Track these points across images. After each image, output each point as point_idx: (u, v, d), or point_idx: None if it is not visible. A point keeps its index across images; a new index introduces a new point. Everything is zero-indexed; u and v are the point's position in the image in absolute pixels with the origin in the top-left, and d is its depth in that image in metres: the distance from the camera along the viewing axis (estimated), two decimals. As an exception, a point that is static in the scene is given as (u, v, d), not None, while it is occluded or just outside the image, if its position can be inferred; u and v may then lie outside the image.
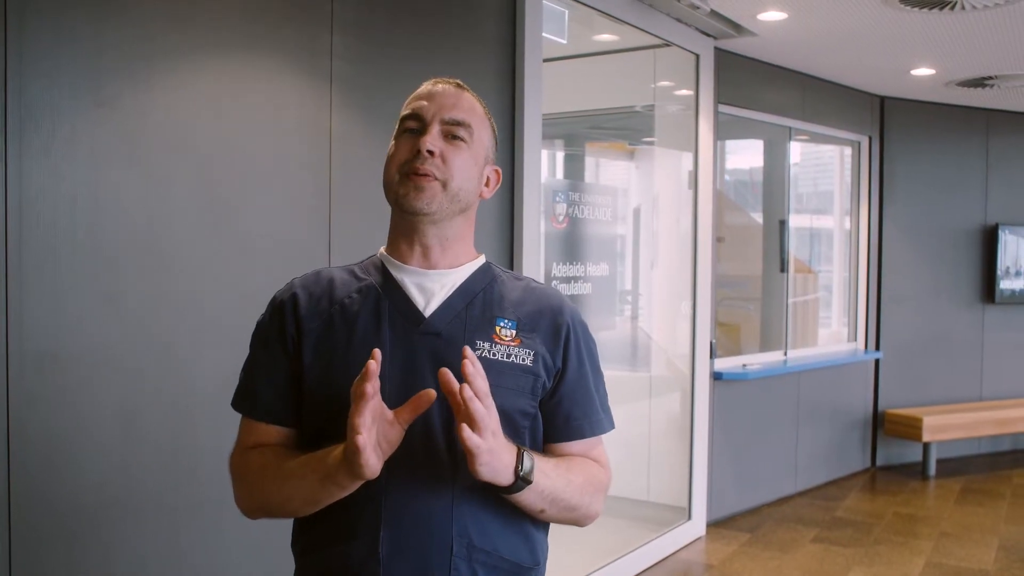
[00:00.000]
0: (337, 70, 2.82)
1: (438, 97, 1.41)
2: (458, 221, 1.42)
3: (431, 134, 1.37)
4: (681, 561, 4.74)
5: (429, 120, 1.38)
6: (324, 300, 1.41)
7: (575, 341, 1.43)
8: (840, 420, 6.45)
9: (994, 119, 6.97)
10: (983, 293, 7.04)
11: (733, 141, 6.24)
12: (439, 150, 1.37)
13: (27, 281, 2.09)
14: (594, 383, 1.46)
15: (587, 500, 1.41)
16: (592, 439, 1.45)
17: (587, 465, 1.42)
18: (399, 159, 1.39)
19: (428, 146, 1.36)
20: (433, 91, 1.42)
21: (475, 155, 1.42)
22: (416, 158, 1.36)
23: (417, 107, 1.41)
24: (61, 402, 2.17)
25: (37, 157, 2.10)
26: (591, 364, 1.46)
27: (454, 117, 1.39)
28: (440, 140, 1.38)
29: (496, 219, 3.51)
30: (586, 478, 1.40)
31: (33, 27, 2.08)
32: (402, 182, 1.37)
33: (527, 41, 3.58)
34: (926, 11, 4.36)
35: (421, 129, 1.39)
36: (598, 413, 1.46)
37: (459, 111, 1.40)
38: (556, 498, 1.35)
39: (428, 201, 1.36)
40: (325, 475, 1.26)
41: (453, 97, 1.41)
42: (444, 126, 1.39)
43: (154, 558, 2.38)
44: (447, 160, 1.37)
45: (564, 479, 1.36)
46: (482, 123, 1.44)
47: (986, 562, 4.65)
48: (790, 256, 6.25)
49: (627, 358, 5.40)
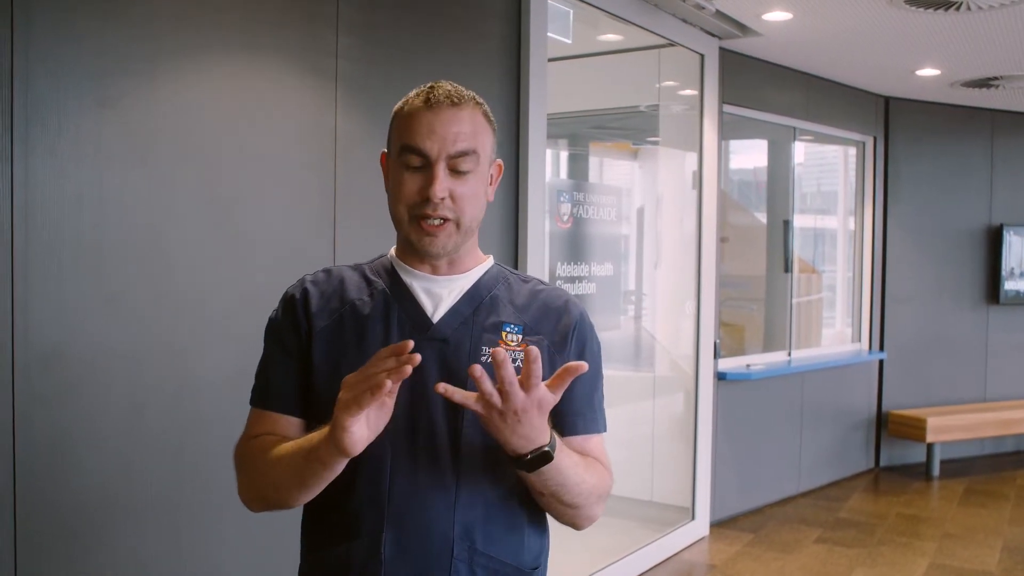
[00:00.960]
0: (342, 70, 2.82)
1: (439, 127, 1.32)
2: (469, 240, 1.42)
3: (439, 179, 1.31)
4: (684, 561, 4.74)
5: (435, 159, 1.32)
6: (335, 299, 1.41)
7: (579, 340, 1.43)
8: (844, 421, 6.44)
9: (999, 120, 6.95)
10: (987, 294, 7.02)
11: (737, 141, 6.23)
12: (448, 192, 1.33)
13: (32, 280, 2.10)
14: (593, 383, 1.46)
15: (591, 502, 1.40)
16: (585, 436, 1.44)
17: (598, 467, 1.42)
18: (407, 200, 1.34)
19: (440, 193, 1.31)
20: (432, 120, 1.33)
21: (482, 176, 1.38)
22: (426, 203, 1.32)
23: (419, 144, 1.32)
24: (66, 401, 2.18)
25: (42, 157, 2.10)
26: (593, 363, 1.45)
27: (459, 150, 1.33)
28: (448, 179, 1.33)
29: (501, 219, 3.51)
30: (595, 483, 1.39)
31: (39, 27, 2.09)
32: (413, 225, 1.35)
33: (532, 41, 3.58)
34: (931, 11, 4.35)
35: (425, 166, 1.33)
36: (594, 412, 1.46)
37: (463, 140, 1.33)
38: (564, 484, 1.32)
39: (443, 245, 1.35)
40: (310, 450, 1.25)
41: (454, 123, 1.33)
42: (451, 160, 1.33)
43: (157, 557, 2.38)
44: (456, 199, 1.34)
45: (579, 470, 1.34)
46: (485, 135, 1.38)
47: (990, 563, 4.65)
48: (794, 256, 6.24)
49: (631, 358, 5.39)
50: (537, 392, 1.19)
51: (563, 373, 1.21)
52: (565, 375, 1.21)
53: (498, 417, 1.20)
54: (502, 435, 1.23)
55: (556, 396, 1.22)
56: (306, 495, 1.32)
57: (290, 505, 1.36)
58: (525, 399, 1.19)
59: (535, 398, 1.19)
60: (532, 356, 1.17)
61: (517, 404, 1.19)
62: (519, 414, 1.20)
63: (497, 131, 1.45)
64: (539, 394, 1.20)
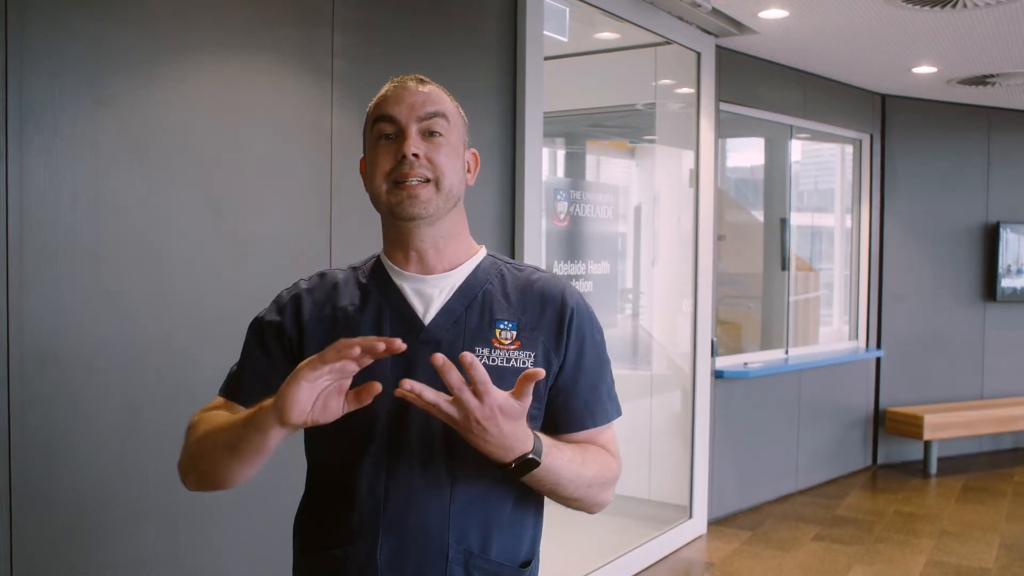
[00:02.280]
0: (339, 69, 2.81)
1: (407, 96, 1.37)
2: (451, 217, 1.40)
3: (411, 137, 1.34)
4: (682, 559, 4.74)
5: (405, 122, 1.36)
6: (328, 306, 1.41)
7: (577, 331, 1.40)
8: (841, 418, 6.44)
9: (995, 117, 6.96)
10: (984, 291, 7.03)
11: (734, 139, 6.23)
12: (423, 152, 1.35)
13: (28, 280, 2.09)
14: (598, 371, 1.43)
15: (593, 493, 1.38)
16: (595, 429, 1.42)
17: (600, 456, 1.40)
18: (383, 168, 1.36)
19: (413, 150, 1.34)
20: (400, 91, 1.39)
21: (455, 145, 1.39)
22: (403, 164, 1.34)
23: (388, 110, 1.37)
24: (62, 401, 2.17)
25: (38, 156, 2.10)
26: (594, 352, 1.43)
27: (428, 111, 1.36)
28: (420, 141, 1.35)
29: (497, 217, 3.51)
30: (597, 470, 1.37)
31: (34, 25, 2.08)
32: (392, 191, 1.35)
33: (528, 39, 3.58)
34: (928, 9, 4.35)
35: (398, 133, 1.36)
36: (601, 403, 1.43)
37: (431, 104, 1.37)
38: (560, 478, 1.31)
39: (424, 205, 1.34)
40: (251, 416, 1.24)
41: (421, 93, 1.38)
42: (421, 123, 1.36)
43: (154, 557, 2.38)
44: (432, 159, 1.35)
45: (577, 462, 1.33)
46: (454, 111, 1.42)
47: (987, 560, 4.65)
48: (791, 254, 6.25)
49: (628, 356, 5.39)
50: (492, 399, 1.16)
51: (523, 380, 1.18)
52: (525, 382, 1.18)
53: (463, 427, 1.19)
54: (476, 445, 1.21)
55: (524, 402, 1.19)
56: (236, 467, 1.29)
57: (222, 481, 1.33)
58: (480, 407, 1.16)
59: (491, 405, 1.16)
60: (467, 362, 1.13)
61: (475, 413, 1.16)
62: (482, 422, 1.17)
63: (469, 126, 1.47)
64: (496, 401, 1.17)
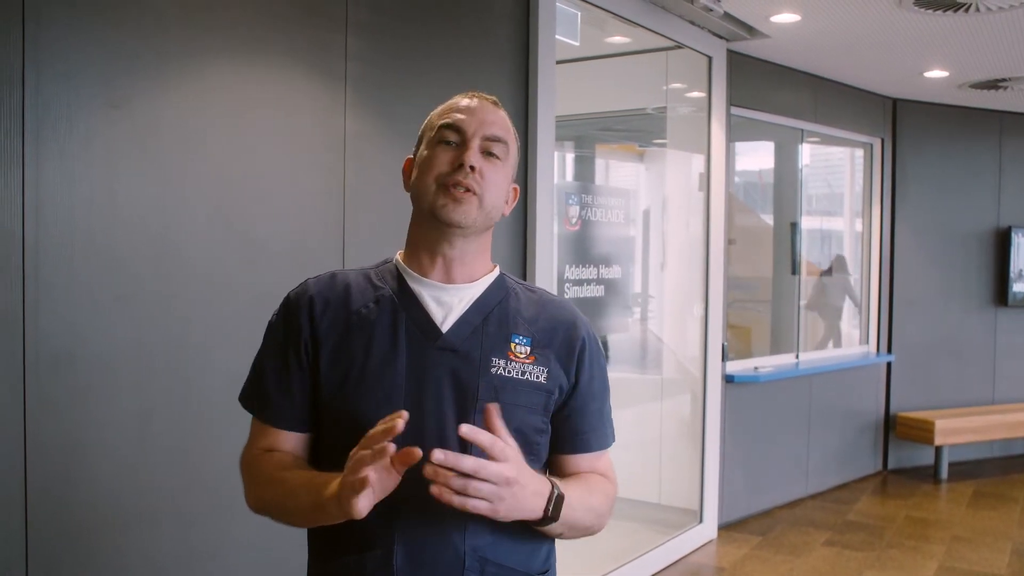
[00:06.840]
0: (352, 72, 2.82)
1: (478, 112, 1.41)
2: (483, 236, 1.44)
3: (472, 149, 1.38)
4: (692, 564, 4.73)
5: (470, 135, 1.39)
6: (341, 308, 1.40)
7: (588, 357, 1.45)
8: (852, 423, 6.42)
9: (1007, 121, 6.93)
10: (996, 296, 7.00)
11: (744, 143, 6.22)
12: (479, 166, 1.38)
13: (43, 283, 2.10)
14: (602, 398, 1.49)
15: (601, 520, 1.45)
16: (597, 453, 1.48)
17: (603, 486, 1.46)
18: (438, 170, 1.39)
19: (472, 161, 1.37)
20: (472, 106, 1.42)
21: (507, 173, 1.44)
22: (458, 171, 1.37)
23: (458, 120, 1.40)
24: (76, 403, 2.18)
25: (53, 159, 2.11)
26: (600, 380, 1.49)
27: (495, 134, 1.41)
28: (479, 156, 1.39)
29: (510, 221, 3.51)
30: (602, 500, 1.44)
31: (48, 30, 2.09)
32: (440, 193, 1.37)
33: (540, 43, 3.58)
34: (939, 13, 4.34)
35: (461, 143, 1.39)
36: (604, 426, 1.49)
37: (498, 128, 1.42)
38: (575, 525, 1.38)
39: (465, 214, 1.37)
40: (318, 503, 1.27)
41: (492, 114, 1.43)
42: (484, 142, 1.40)
43: (167, 561, 2.38)
44: (484, 176, 1.38)
45: (586, 507, 1.39)
46: (514, 144, 1.46)
47: (999, 566, 4.63)
48: (802, 258, 6.23)
49: (638, 360, 5.39)
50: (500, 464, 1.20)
51: (489, 417, 1.22)
52: (493, 418, 1.22)
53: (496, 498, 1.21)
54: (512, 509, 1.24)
55: (508, 441, 1.23)
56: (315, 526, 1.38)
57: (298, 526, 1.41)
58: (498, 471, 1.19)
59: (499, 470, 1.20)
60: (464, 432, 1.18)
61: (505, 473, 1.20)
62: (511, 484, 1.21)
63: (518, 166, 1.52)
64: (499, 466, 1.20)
